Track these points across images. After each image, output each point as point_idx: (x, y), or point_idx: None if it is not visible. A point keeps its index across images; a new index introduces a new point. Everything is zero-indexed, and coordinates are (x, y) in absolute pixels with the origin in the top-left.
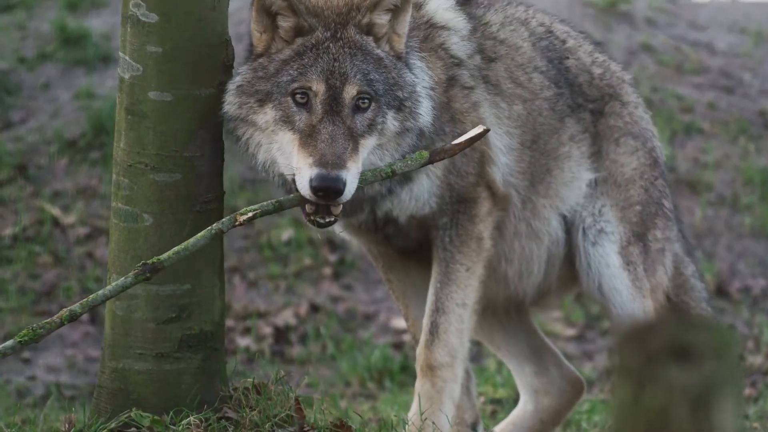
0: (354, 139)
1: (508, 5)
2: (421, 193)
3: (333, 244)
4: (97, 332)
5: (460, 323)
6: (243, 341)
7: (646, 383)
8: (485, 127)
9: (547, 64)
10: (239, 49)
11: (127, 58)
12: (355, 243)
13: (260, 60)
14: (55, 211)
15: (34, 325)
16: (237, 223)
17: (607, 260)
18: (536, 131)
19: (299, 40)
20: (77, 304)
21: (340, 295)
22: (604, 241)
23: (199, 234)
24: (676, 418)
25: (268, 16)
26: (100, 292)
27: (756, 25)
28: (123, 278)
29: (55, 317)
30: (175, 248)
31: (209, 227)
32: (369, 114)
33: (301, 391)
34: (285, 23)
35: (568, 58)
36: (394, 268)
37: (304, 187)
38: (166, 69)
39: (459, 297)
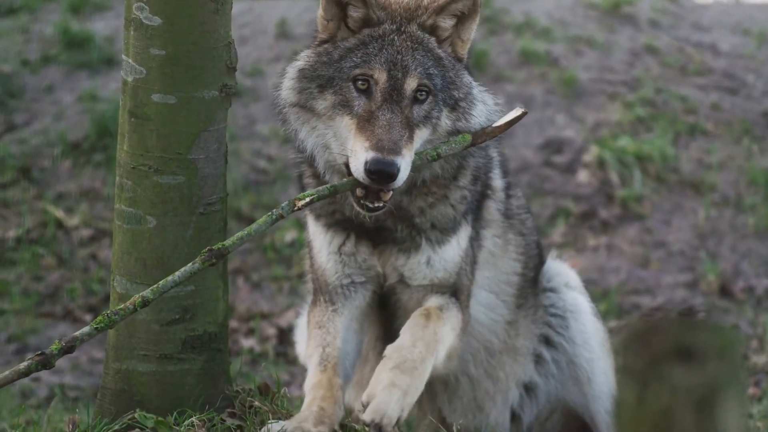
0: (410, 128)
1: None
2: (450, 259)
3: None
4: (101, 334)
5: (427, 350)
6: (247, 342)
7: (650, 384)
8: (523, 110)
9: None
10: (242, 52)
11: (130, 61)
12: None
13: (325, 46)
14: (59, 213)
15: (109, 312)
16: (296, 208)
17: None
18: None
19: (366, 31)
20: (148, 290)
21: None
22: None
23: (261, 219)
24: (680, 419)
25: (338, 5)
26: (170, 277)
27: (759, 26)
28: (191, 264)
29: (128, 303)
30: (238, 234)
31: (270, 212)
32: (426, 106)
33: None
34: (355, 13)
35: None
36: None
37: (358, 170)
38: (170, 72)
39: (429, 334)
